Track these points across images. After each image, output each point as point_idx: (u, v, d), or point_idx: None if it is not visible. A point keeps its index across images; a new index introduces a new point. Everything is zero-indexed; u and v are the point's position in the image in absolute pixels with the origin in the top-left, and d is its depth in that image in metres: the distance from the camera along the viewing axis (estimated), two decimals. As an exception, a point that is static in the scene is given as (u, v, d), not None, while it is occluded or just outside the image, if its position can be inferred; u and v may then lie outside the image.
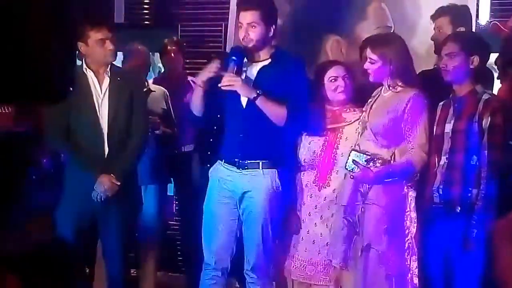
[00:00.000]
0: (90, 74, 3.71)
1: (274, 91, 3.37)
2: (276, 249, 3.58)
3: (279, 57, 3.45)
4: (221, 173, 3.53)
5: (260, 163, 3.43)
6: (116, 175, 3.69)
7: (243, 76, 3.40)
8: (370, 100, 3.51)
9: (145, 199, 4.41)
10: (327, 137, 3.59)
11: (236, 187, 3.48)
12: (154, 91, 4.49)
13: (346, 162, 3.38)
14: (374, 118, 3.41)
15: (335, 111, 3.61)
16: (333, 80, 3.57)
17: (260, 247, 3.47)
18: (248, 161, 3.44)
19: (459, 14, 3.99)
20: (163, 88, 4.62)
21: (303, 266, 3.63)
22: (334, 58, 4.37)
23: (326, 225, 3.57)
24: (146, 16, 5.65)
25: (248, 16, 3.34)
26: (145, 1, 5.69)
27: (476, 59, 3.26)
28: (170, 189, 4.92)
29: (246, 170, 3.44)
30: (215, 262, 3.54)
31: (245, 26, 3.35)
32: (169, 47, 4.91)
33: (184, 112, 3.68)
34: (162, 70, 5.21)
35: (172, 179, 4.81)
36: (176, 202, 5.26)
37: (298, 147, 3.62)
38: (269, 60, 3.44)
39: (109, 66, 3.74)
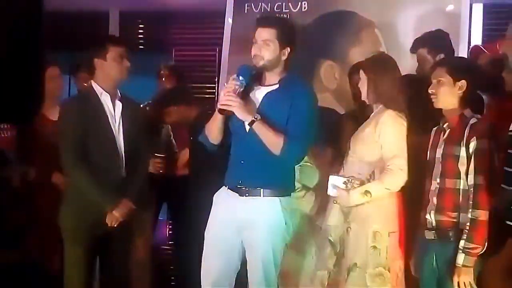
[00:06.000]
0: (105, 98, 3.70)
1: (278, 118, 3.22)
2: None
3: (288, 83, 3.30)
4: (224, 199, 3.38)
5: (262, 190, 3.28)
6: (132, 199, 3.69)
7: (252, 98, 3.28)
8: None
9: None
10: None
11: (238, 214, 3.31)
12: None
13: (327, 188, 3.43)
14: (355, 137, 3.50)
15: None
16: None
17: (264, 281, 3.29)
18: (249, 188, 3.29)
19: (436, 41, 3.95)
20: None
21: None
22: (327, 83, 4.42)
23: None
24: (141, 41, 5.68)
25: (263, 33, 3.24)
26: (140, 25, 5.73)
27: (463, 84, 3.23)
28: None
29: (247, 197, 3.30)
30: None
31: (259, 43, 3.24)
32: (163, 71, 4.93)
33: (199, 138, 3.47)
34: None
35: (166, 203, 4.80)
36: (170, 227, 5.24)
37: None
38: (277, 86, 3.30)
39: (119, 91, 3.76)
